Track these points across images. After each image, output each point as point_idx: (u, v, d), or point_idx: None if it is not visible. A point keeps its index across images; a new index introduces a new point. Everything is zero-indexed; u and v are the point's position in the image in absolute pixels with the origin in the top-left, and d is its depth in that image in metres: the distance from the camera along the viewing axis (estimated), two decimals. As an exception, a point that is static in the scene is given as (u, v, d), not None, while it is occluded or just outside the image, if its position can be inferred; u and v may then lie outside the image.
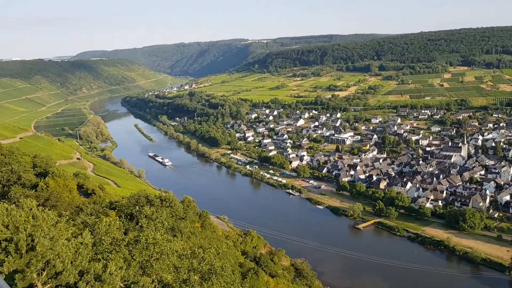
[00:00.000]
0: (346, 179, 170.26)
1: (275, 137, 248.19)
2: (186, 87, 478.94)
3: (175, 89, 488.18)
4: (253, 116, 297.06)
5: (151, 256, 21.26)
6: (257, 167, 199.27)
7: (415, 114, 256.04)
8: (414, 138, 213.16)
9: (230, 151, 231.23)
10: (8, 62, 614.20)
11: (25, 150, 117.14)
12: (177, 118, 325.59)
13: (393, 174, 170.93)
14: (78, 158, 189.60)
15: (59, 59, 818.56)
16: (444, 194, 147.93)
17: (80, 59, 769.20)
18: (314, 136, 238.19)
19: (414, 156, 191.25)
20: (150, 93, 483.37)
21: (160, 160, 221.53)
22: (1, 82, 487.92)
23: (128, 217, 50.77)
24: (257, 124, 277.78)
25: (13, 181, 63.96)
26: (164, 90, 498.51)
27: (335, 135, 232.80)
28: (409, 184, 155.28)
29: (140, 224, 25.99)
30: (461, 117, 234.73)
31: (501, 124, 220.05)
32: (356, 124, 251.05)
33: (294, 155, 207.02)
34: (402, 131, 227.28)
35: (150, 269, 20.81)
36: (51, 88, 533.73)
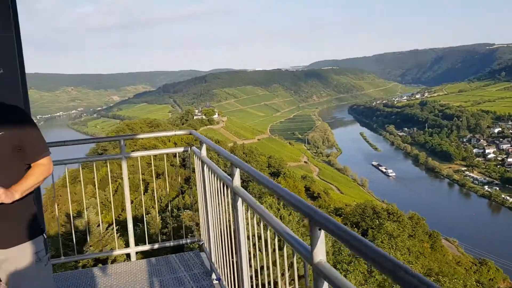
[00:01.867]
0: None
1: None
2: (417, 96, 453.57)
3: (404, 98, 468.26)
4: (496, 130, 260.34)
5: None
6: (498, 189, 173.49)
7: None
8: None
9: (464, 168, 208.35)
10: (252, 72, 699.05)
11: (262, 151, 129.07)
12: (405, 129, 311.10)
13: None
14: (305, 162, 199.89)
15: (294, 68, 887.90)
16: None
17: (313, 69, 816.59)
18: None
19: None
20: (377, 102, 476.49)
21: (384, 170, 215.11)
22: (245, 90, 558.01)
23: (354, 226, 49.15)
24: (501, 139, 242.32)
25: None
26: (393, 98, 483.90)
27: None
28: None
29: (380, 239, 23.58)
30: None
31: None
32: None
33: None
34: None
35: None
36: (285, 96, 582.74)
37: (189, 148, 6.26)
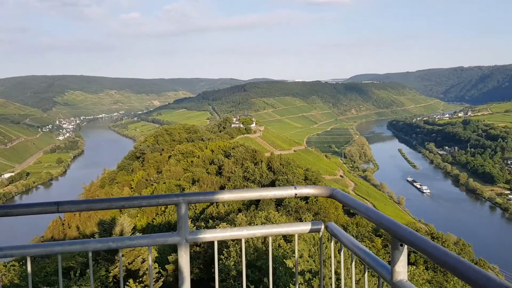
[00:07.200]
0: None
1: None
2: (460, 114, 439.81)
3: (446, 115, 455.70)
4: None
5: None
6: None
7: None
8: None
9: (508, 192, 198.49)
10: (291, 83, 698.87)
11: (298, 162, 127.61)
12: (446, 147, 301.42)
13: None
14: (341, 176, 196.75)
15: (334, 81, 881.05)
16: None
17: (353, 82, 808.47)
18: None
19: None
20: (418, 118, 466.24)
21: (418, 186, 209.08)
22: (284, 100, 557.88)
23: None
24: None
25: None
26: (434, 116, 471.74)
27: None
28: None
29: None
30: None
31: None
32: None
33: None
34: None
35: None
36: (324, 108, 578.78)
37: (322, 225, 3.35)
